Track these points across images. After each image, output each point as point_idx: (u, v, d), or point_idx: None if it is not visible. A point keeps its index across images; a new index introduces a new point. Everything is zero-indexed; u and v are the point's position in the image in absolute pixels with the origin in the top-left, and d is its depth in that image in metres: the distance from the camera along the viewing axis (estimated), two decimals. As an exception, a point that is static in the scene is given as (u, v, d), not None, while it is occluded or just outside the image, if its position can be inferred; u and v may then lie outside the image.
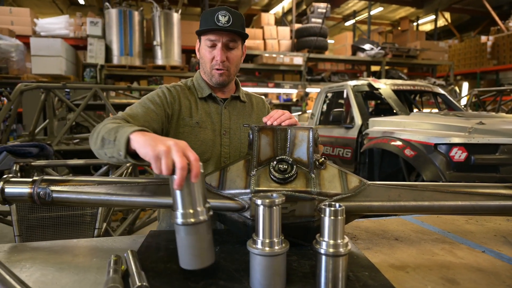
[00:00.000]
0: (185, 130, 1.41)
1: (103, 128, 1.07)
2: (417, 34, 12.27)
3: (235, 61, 1.43)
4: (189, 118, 1.42)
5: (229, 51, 1.40)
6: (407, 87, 4.47)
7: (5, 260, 1.04)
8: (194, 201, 0.85)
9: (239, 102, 1.54)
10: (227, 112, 1.48)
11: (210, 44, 1.39)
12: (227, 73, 1.42)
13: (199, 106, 1.46)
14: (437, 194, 1.12)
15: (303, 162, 1.10)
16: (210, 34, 1.38)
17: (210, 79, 1.45)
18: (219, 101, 1.49)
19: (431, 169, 2.72)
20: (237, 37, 1.40)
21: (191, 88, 1.50)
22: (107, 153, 1.02)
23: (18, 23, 8.46)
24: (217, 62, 1.39)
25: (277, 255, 0.85)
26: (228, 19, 1.35)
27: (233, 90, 1.55)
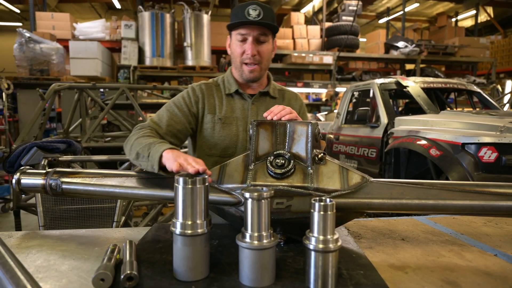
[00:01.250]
0: (207, 126, 1.45)
1: (136, 142, 1.22)
2: (456, 30, 11.71)
3: (266, 55, 1.42)
4: (212, 115, 1.45)
5: (260, 45, 1.40)
6: (438, 84, 4.28)
7: (15, 246, 1.11)
8: (195, 213, 0.87)
9: (269, 98, 1.51)
10: (254, 107, 1.47)
11: (240, 38, 1.40)
12: (258, 68, 1.42)
13: (225, 103, 1.47)
14: (444, 192, 1.07)
15: (301, 157, 1.09)
16: (241, 28, 1.38)
17: (240, 75, 1.45)
18: (246, 97, 1.48)
19: (457, 170, 2.59)
20: (267, 31, 1.40)
21: (220, 85, 1.51)
22: (142, 165, 1.17)
23: (59, 27, 8.93)
24: (247, 56, 1.39)
25: (265, 249, 0.85)
26: (259, 13, 1.35)
27: (264, 85, 1.53)
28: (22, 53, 7.71)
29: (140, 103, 5.85)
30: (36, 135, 3.53)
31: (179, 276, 0.87)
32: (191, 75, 9.07)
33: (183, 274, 0.87)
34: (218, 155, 1.45)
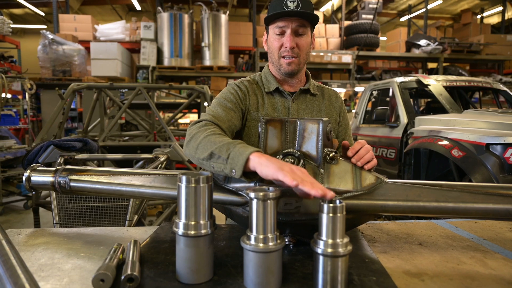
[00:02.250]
0: (251, 124, 1.40)
1: (206, 140, 1.06)
2: (481, 27, 11.32)
3: (305, 47, 1.36)
4: (255, 112, 1.40)
5: (299, 38, 1.34)
6: (461, 83, 4.12)
7: (23, 243, 1.10)
8: (198, 213, 0.83)
9: (309, 95, 1.45)
10: (295, 106, 1.41)
11: (278, 31, 1.34)
12: (297, 61, 1.36)
13: (266, 101, 1.42)
14: (465, 195, 1.00)
15: (311, 156, 1.04)
16: (279, 21, 1.33)
17: (278, 70, 1.40)
18: (287, 95, 1.42)
19: (481, 172, 2.47)
20: (306, 23, 1.34)
21: (259, 83, 1.46)
22: (215, 166, 1.01)
23: (81, 29, 9.15)
24: (286, 49, 1.33)
25: (270, 252, 0.81)
26: (297, 4, 1.29)
27: (303, 82, 1.47)
28: (46, 55, 7.93)
29: (157, 102, 5.92)
30: (56, 133, 3.60)
31: (181, 279, 0.84)
32: (209, 75, 9.12)
33: (186, 276, 0.84)
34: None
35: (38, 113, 8.82)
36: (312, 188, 0.81)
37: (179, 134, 5.23)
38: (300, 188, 0.82)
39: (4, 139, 5.69)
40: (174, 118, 5.49)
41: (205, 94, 4.03)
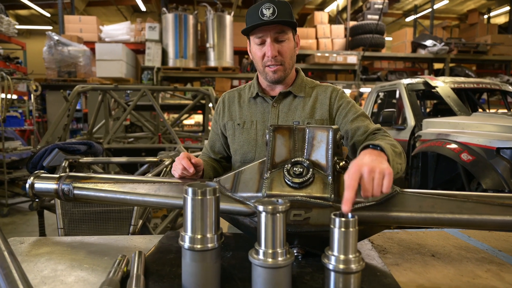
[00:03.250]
0: (229, 133, 1.45)
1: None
2: (488, 28, 11.20)
3: (288, 53, 1.34)
4: (232, 121, 1.44)
5: (280, 44, 1.33)
6: (470, 85, 4.05)
7: (25, 253, 1.08)
8: (205, 226, 0.81)
9: (293, 98, 1.41)
10: (275, 110, 1.40)
11: (259, 41, 1.34)
12: (282, 68, 1.34)
13: (246, 107, 1.44)
14: (480, 206, 0.96)
15: (321, 166, 1.01)
16: (257, 31, 1.32)
17: (265, 78, 1.39)
18: (268, 100, 1.41)
19: (491, 177, 2.42)
20: (285, 28, 1.32)
21: (245, 91, 1.49)
22: None
23: (86, 30, 9.17)
24: (268, 59, 1.32)
25: (280, 267, 0.78)
26: (273, 10, 1.27)
27: (289, 85, 1.43)
28: (51, 56, 7.96)
29: (162, 103, 5.91)
30: (61, 136, 3.59)
31: None
32: (214, 76, 9.10)
33: None
34: (240, 161, 1.41)
35: (43, 113, 8.86)
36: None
37: (184, 135, 5.22)
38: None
39: (10, 141, 5.71)
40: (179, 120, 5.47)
41: (210, 96, 4.01)
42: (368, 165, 0.89)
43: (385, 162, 0.94)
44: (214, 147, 1.53)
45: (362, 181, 0.89)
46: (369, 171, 0.88)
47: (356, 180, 0.88)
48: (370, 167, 0.89)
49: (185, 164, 1.16)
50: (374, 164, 0.90)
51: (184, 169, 1.16)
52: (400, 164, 1.07)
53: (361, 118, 1.35)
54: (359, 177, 0.88)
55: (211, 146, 1.54)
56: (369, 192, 0.89)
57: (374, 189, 0.89)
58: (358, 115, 1.35)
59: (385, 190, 0.88)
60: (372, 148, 1.02)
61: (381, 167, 0.90)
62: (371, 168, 0.89)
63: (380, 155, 0.97)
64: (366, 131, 1.30)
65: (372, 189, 0.89)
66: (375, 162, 0.91)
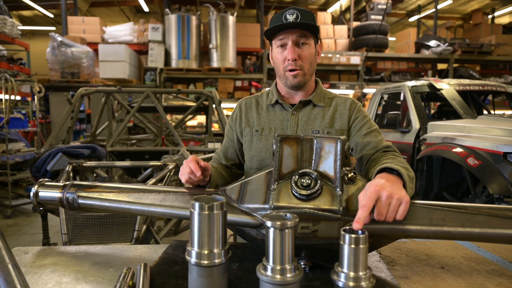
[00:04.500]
0: (246, 139, 1.44)
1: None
2: (492, 28, 11.12)
3: (308, 58, 1.34)
4: (250, 127, 1.43)
5: (301, 49, 1.32)
6: (475, 87, 4.02)
7: (30, 264, 1.07)
8: (212, 241, 0.79)
9: (312, 107, 1.40)
10: (294, 118, 1.38)
11: (280, 43, 1.34)
12: (301, 72, 1.33)
13: (264, 114, 1.43)
14: (492, 219, 0.94)
15: (329, 177, 0.99)
16: (279, 34, 1.33)
17: (285, 83, 1.38)
18: (287, 107, 1.40)
19: (498, 182, 2.39)
20: (307, 33, 1.32)
21: (263, 97, 1.48)
22: None
23: (89, 31, 9.18)
24: (289, 62, 1.32)
25: (288, 284, 0.76)
26: (296, 16, 1.28)
27: (309, 94, 1.42)
28: (54, 57, 7.97)
29: (165, 105, 5.90)
30: (64, 138, 3.59)
31: None
32: (216, 77, 9.09)
33: None
34: (256, 168, 1.39)
35: (47, 114, 8.88)
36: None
37: (187, 137, 5.21)
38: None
39: (13, 142, 5.72)
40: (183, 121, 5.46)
41: (213, 98, 4.00)
42: (387, 190, 0.90)
43: (403, 190, 0.95)
44: (227, 153, 1.52)
45: (378, 203, 0.89)
46: (387, 196, 0.89)
47: (373, 201, 0.88)
48: (389, 192, 0.89)
49: (193, 167, 1.14)
50: (393, 190, 0.91)
51: (191, 172, 1.14)
52: (411, 188, 1.07)
53: (374, 133, 1.35)
54: (375, 199, 0.89)
55: (224, 152, 1.53)
56: (382, 216, 0.90)
57: (388, 215, 0.90)
58: (372, 130, 1.35)
59: (399, 217, 0.90)
60: (389, 172, 1.02)
61: (400, 194, 0.91)
62: (390, 194, 0.89)
63: (397, 181, 0.97)
64: (376, 146, 1.29)
65: (386, 214, 0.90)
66: (394, 188, 0.92)
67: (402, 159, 1.20)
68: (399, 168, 1.01)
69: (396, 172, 1.01)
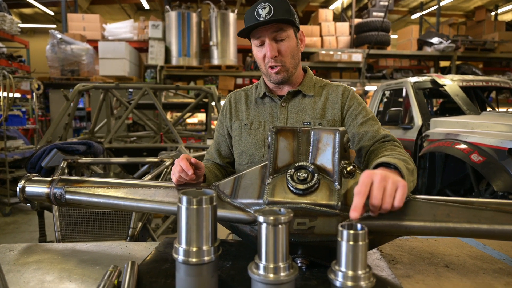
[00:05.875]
0: (236, 134, 1.39)
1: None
2: (496, 25, 11.02)
3: (288, 52, 1.28)
4: (239, 122, 1.39)
5: (280, 44, 1.26)
6: (479, 83, 3.96)
7: (13, 262, 1.02)
8: (201, 238, 0.74)
9: (302, 97, 1.35)
10: (284, 110, 1.34)
11: (258, 42, 1.28)
12: (283, 68, 1.28)
13: (253, 108, 1.39)
14: (500, 215, 0.89)
15: (327, 171, 0.94)
16: (255, 32, 1.27)
17: (269, 79, 1.34)
18: (276, 99, 1.35)
19: (503, 178, 2.33)
20: (284, 26, 1.25)
21: (252, 91, 1.43)
22: None
23: (89, 28, 9.13)
24: (269, 60, 1.27)
25: (282, 284, 0.71)
26: (269, 9, 1.21)
27: (297, 85, 1.37)
28: (54, 54, 7.93)
29: (165, 102, 5.85)
30: (61, 135, 3.54)
31: None
32: (217, 74, 9.03)
33: None
34: (246, 163, 1.35)
35: (47, 112, 8.85)
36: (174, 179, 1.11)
37: (186, 135, 5.16)
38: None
39: (12, 139, 5.69)
40: (182, 118, 5.41)
41: (213, 94, 3.95)
42: (381, 173, 0.84)
43: (399, 177, 0.89)
44: (220, 150, 1.46)
45: (372, 188, 0.82)
46: (381, 179, 0.82)
47: (367, 186, 0.82)
48: (383, 175, 0.83)
49: (184, 165, 1.06)
50: (387, 174, 0.85)
51: (181, 171, 1.06)
52: (412, 181, 1.01)
53: (371, 122, 1.28)
54: (370, 183, 0.82)
55: (217, 150, 1.46)
56: (378, 200, 0.82)
57: (385, 200, 0.82)
58: (368, 118, 1.28)
59: (397, 203, 0.82)
60: (385, 167, 0.96)
61: (395, 178, 0.85)
62: (384, 177, 0.83)
63: (395, 173, 0.92)
64: (374, 136, 1.23)
65: (382, 198, 0.82)
66: (388, 173, 0.86)
67: (402, 149, 1.15)
68: (396, 162, 0.95)
69: (393, 166, 0.96)
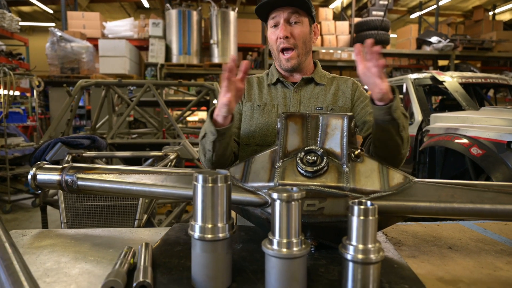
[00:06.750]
0: (246, 114, 1.39)
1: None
2: (493, 24, 11.09)
3: (301, 36, 1.30)
4: (251, 102, 1.39)
5: (293, 26, 1.29)
6: (478, 80, 4.00)
7: (27, 245, 1.05)
8: (216, 215, 0.77)
9: (314, 85, 1.38)
10: (297, 95, 1.36)
11: (273, 23, 1.31)
12: (295, 54, 1.30)
13: (266, 91, 1.40)
14: (502, 196, 0.92)
15: (335, 154, 0.97)
16: (271, 13, 1.30)
17: (280, 66, 1.37)
18: (289, 85, 1.38)
19: (502, 171, 2.37)
20: (300, 11, 1.28)
21: (264, 77, 1.45)
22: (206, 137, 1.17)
23: (89, 26, 9.14)
24: (281, 41, 1.29)
25: (295, 258, 0.74)
26: None
27: (309, 73, 1.40)
28: (54, 52, 7.93)
29: (166, 100, 5.87)
30: (64, 131, 3.56)
31: (197, 286, 0.78)
32: (217, 73, 9.05)
33: (202, 283, 0.77)
34: (257, 144, 1.35)
35: (46, 110, 8.85)
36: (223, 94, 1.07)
37: (188, 131, 5.19)
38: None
39: (12, 137, 5.70)
40: (183, 116, 5.43)
41: (215, 91, 3.97)
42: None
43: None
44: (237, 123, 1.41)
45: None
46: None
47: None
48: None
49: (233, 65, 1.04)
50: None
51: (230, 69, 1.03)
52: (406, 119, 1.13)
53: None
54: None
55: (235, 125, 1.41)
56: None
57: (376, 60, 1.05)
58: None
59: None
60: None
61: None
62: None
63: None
64: None
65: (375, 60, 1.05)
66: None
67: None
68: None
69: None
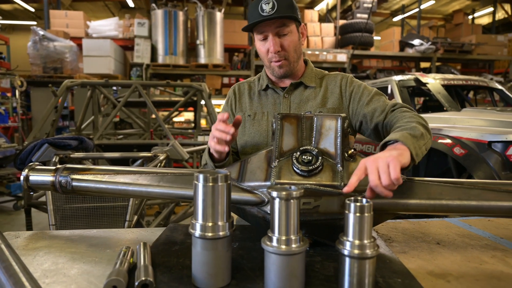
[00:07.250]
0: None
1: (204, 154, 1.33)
2: (473, 28, 11.41)
3: (291, 47, 1.32)
4: (242, 112, 1.42)
5: (283, 38, 1.31)
6: (459, 81, 4.12)
7: (22, 247, 1.04)
8: (216, 214, 0.79)
9: (304, 88, 1.40)
10: (286, 101, 1.38)
11: (261, 37, 1.33)
12: (286, 62, 1.33)
13: (256, 99, 1.43)
14: (487, 193, 0.97)
15: (330, 154, 1.00)
16: (259, 27, 1.31)
17: (272, 73, 1.39)
18: (279, 91, 1.40)
19: (483, 169, 2.46)
20: (287, 21, 1.30)
21: (255, 83, 1.47)
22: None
23: (73, 25, 8.97)
24: (272, 54, 1.31)
25: (294, 254, 0.76)
26: (272, 5, 1.25)
27: (299, 77, 1.42)
28: (36, 51, 7.76)
29: (152, 100, 5.83)
30: (48, 132, 3.50)
31: (198, 283, 0.80)
32: (204, 73, 9.02)
33: (203, 281, 0.79)
34: (251, 153, 1.37)
35: (28, 111, 8.64)
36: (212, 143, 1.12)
37: (176, 132, 5.16)
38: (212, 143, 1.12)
39: (-7, 138, 5.55)
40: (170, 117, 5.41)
41: (203, 91, 3.97)
42: (372, 158, 0.92)
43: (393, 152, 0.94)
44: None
45: (368, 172, 0.89)
46: (372, 162, 0.90)
47: (361, 170, 0.90)
48: (373, 158, 0.91)
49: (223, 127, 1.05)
50: (378, 156, 0.92)
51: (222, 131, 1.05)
52: (424, 145, 1.06)
53: (376, 98, 1.32)
54: (364, 168, 0.90)
55: None
56: (374, 180, 0.88)
57: (381, 177, 0.88)
58: (372, 95, 1.33)
59: (394, 175, 0.87)
60: (391, 144, 1.01)
61: (384, 156, 0.91)
62: (374, 159, 0.91)
63: (400, 148, 0.96)
64: (383, 110, 1.27)
65: (379, 178, 0.88)
66: (380, 154, 0.93)
67: (412, 112, 1.20)
68: (398, 136, 1.00)
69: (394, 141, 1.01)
